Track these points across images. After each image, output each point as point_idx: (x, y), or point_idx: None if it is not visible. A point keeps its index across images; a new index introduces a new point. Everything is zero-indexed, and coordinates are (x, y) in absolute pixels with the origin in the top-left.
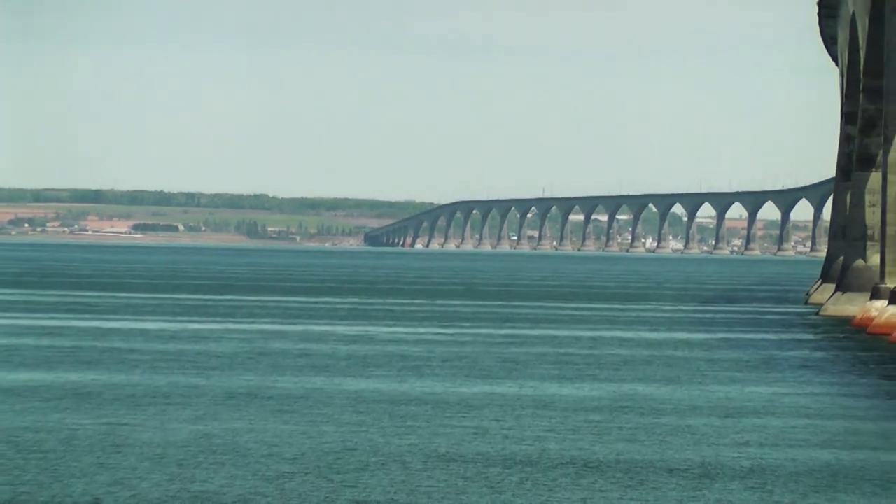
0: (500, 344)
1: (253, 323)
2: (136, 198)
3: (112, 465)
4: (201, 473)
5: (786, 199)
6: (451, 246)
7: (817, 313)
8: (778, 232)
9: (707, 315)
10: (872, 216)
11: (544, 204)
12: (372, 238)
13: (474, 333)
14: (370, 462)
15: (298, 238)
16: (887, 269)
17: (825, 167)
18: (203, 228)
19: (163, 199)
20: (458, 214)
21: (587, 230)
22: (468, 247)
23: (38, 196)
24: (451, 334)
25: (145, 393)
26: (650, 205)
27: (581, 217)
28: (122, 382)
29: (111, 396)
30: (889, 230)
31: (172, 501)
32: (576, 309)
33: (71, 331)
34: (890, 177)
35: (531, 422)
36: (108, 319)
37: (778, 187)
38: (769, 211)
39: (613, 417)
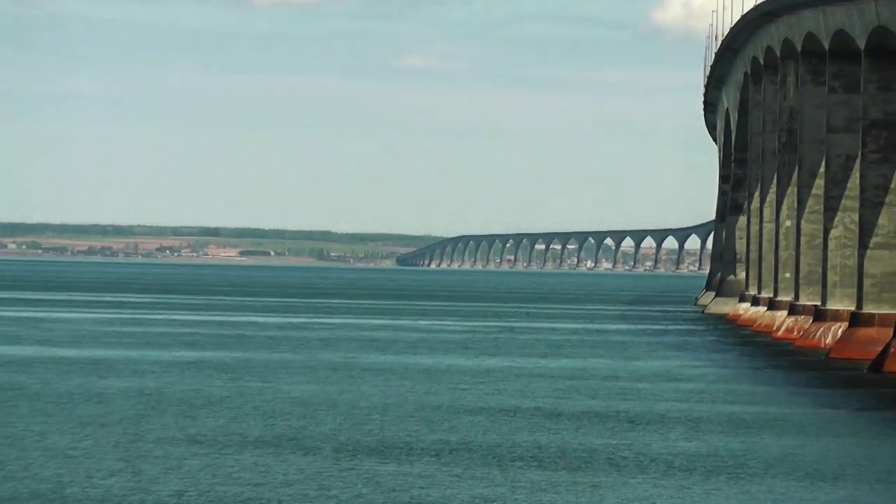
0: (498, 332)
1: (333, 317)
2: (241, 232)
3: (246, 415)
4: (309, 419)
5: (681, 234)
6: (455, 266)
7: (703, 311)
8: (676, 257)
9: (631, 312)
10: (740, 246)
11: (518, 238)
12: (402, 260)
13: (481, 325)
14: (418, 411)
15: (351, 260)
16: (750, 282)
17: (708, 212)
18: (286, 253)
19: (259, 233)
20: (460, 245)
21: (547, 255)
22: (466, 266)
23: (176, 231)
24: (467, 326)
25: (264, 365)
26: (590, 238)
27: (543, 246)
28: (245, 358)
29: (241, 367)
30: (752, 255)
31: (292, 434)
32: (543, 307)
33: (212, 323)
34: (752, 219)
35: (529, 385)
36: (234, 314)
37: (676, 226)
38: (670, 242)
39: (583, 382)
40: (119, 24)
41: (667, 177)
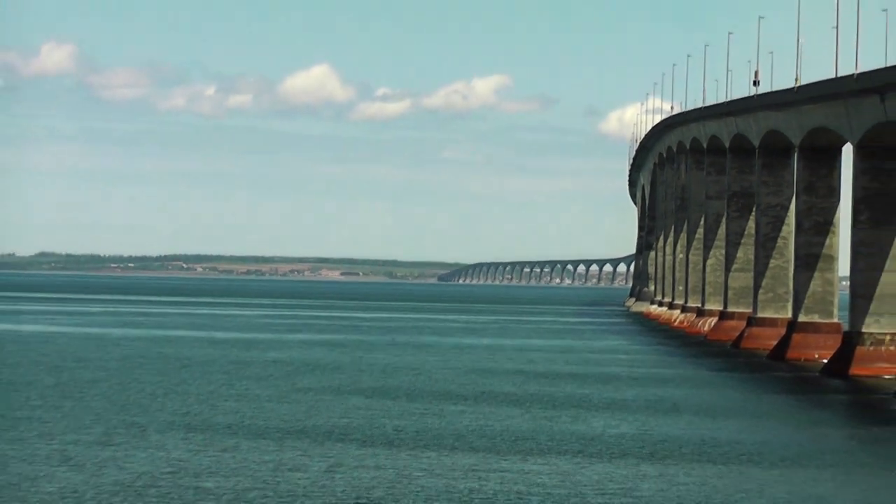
0: (505, 322)
1: (401, 313)
2: (342, 261)
3: (354, 375)
4: (391, 377)
5: (614, 262)
6: (475, 282)
7: (628, 310)
8: (611, 276)
9: (584, 310)
10: (651, 269)
11: (514, 264)
12: (442, 278)
13: (494, 318)
14: (461, 373)
15: (410, 278)
16: (657, 292)
17: (631, 249)
18: (370, 274)
19: (353, 261)
20: (478, 269)
21: (531, 275)
22: (482, 282)
23: (300, 260)
24: (482, 319)
25: (361, 343)
26: (558, 264)
27: (529, 270)
28: (350, 339)
29: (348, 345)
30: (658, 275)
31: (382, 386)
32: (530, 306)
33: (327, 317)
34: (658, 253)
35: (529, 356)
36: (341, 311)
37: (612, 257)
38: (608, 267)
39: (562, 354)
40: (266, 132)
41: (606, 227)
